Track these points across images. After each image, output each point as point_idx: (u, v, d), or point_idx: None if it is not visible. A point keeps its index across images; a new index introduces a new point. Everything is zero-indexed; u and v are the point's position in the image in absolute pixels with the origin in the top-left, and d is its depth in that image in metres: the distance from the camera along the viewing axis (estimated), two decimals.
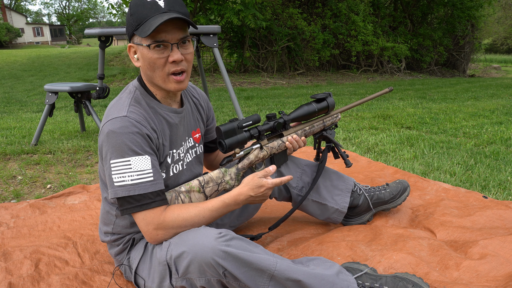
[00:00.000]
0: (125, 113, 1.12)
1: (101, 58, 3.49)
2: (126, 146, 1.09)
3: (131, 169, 1.10)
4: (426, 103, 5.56)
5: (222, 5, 9.06)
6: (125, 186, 1.10)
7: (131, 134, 1.10)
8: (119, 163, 1.10)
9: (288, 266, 1.08)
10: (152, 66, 1.14)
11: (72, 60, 13.05)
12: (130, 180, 1.10)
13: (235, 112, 4.76)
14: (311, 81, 9.70)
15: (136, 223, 1.15)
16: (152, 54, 1.12)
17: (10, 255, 1.50)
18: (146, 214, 1.12)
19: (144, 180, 1.11)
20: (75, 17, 55.56)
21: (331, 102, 1.54)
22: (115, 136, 1.09)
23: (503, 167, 2.50)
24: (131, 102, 1.16)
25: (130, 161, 1.09)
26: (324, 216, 1.62)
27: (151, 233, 1.13)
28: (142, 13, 1.09)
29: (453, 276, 1.30)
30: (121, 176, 1.10)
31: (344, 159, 1.61)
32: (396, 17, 12.81)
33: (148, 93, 1.21)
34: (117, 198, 1.12)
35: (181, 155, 1.30)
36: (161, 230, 1.13)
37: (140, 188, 1.10)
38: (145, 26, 1.08)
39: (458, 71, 13.83)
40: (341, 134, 3.54)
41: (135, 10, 1.10)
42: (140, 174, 1.10)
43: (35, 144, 3.21)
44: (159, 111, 1.22)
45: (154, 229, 1.13)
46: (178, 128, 1.28)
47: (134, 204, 1.11)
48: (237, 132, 1.30)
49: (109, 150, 1.10)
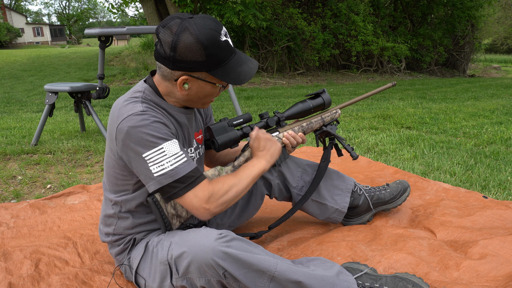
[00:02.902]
0: (141, 109, 1.12)
1: (101, 58, 3.49)
2: (152, 137, 1.10)
3: (167, 155, 1.11)
4: (426, 103, 5.56)
5: (222, 5, 9.06)
6: (167, 173, 1.10)
7: (153, 124, 1.11)
8: (153, 154, 1.10)
9: (289, 267, 1.08)
10: (206, 97, 1.20)
11: (72, 60, 13.05)
12: (170, 166, 1.11)
13: (235, 112, 4.76)
14: (311, 81, 9.70)
15: (185, 205, 1.15)
16: (214, 90, 1.19)
17: (10, 255, 1.50)
18: (195, 191, 1.13)
19: (182, 162, 1.12)
20: (75, 17, 55.56)
21: (327, 98, 1.52)
22: (139, 130, 1.09)
23: (503, 167, 2.50)
24: (143, 101, 1.16)
25: (163, 148, 1.11)
26: (324, 216, 1.62)
27: (203, 207, 1.14)
28: (221, 55, 1.12)
29: (453, 276, 1.30)
30: (160, 164, 1.10)
31: (349, 152, 1.58)
32: (396, 17, 12.81)
33: (158, 94, 1.21)
34: (161, 188, 1.12)
35: (191, 155, 1.32)
36: (212, 203, 1.15)
37: (181, 170, 1.12)
38: (227, 71, 1.14)
39: (458, 71, 13.83)
40: (341, 134, 3.54)
41: (213, 51, 1.10)
42: (176, 157, 1.12)
43: (35, 144, 3.21)
44: (170, 111, 1.22)
45: (205, 202, 1.14)
46: (187, 128, 1.29)
47: (180, 187, 1.12)
48: (228, 130, 1.31)
49: (136, 145, 1.10)
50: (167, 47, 1.10)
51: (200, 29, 1.08)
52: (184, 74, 1.13)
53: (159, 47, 1.13)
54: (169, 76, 1.16)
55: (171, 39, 1.08)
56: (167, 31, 1.09)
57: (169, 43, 1.09)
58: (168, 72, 1.15)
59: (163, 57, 1.12)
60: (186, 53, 1.09)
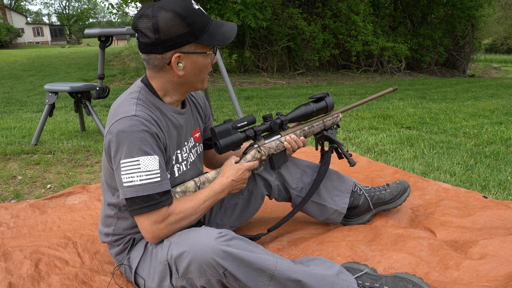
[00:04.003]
0: (134, 112, 1.11)
1: (101, 58, 3.49)
2: (135, 146, 1.09)
3: (140, 169, 1.09)
4: (426, 103, 5.56)
5: (222, 5, 9.06)
6: (134, 187, 1.09)
7: (141, 133, 1.10)
8: (128, 163, 1.09)
9: (288, 266, 1.08)
10: (201, 71, 1.19)
11: (72, 60, 13.06)
12: (138, 181, 1.09)
13: (235, 112, 4.76)
14: (311, 81, 9.70)
15: (138, 223, 1.14)
16: (207, 60, 1.19)
17: (10, 255, 1.50)
18: (152, 215, 1.12)
19: (152, 181, 1.10)
20: (75, 17, 55.55)
21: (330, 102, 1.52)
22: (125, 136, 1.09)
23: (503, 167, 2.50)
24: (138, 102, 1.16)
25: (139, 161, 1.09)
26: (323, 216, 1.62)
27: (154, 232, 1.13)
28: (201, 22, 1.13)
29: (453, 276, 1.30)
30: (130, 176, 1.09)
31: (347, 158, 1.59)
32: (396, 17, 12.81)
33: (154, 94, 1.21)
34: (126, 199, 1.11)
35: (185, 156, 1.31)
36: (165, 229, 1.14)
37: (148, 188, 1.10)
38: (213, 34, 1.15)
39: (458, 71, 13.83)
40: (341, 134, 3.54)
41: (193, 19, 1.11)
42: (149, 174, 1.10)
43: (35, 144, 3.21)
44: (165, 112, 1.22)
45: (158, 229, 1.13)
46: (183, 129, 1.29)
47: (142, 205, 1.10)
48: (232, 133, 1.31)
49: (119, 150, 1.10)
50: (150, 31, 1.10)
51: (172, 3, 1.11)
52: (175, 53, 1.13)
53: (142, 38, 1.12)
54: (161, 64, 1.15)
55: (151, 23, 1.10)
56: (144, 19, 1.11)
57: (151, 28, 1.10)
58: (159, 59, 1.14)
59: (149, 45, 1.12)
60: (169, 29, 1.10)
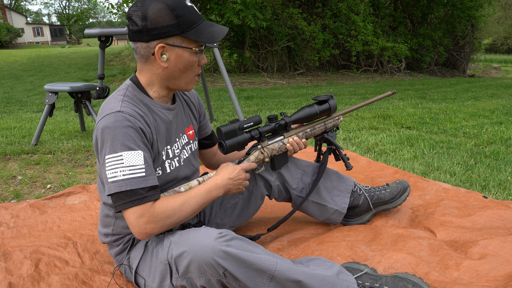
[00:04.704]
0: (119, 108, 1.11)
1: (101, 58, 3.49)
2: (119, 141, 1.08)
3: (123, 164, 1.08)
4: (426, 103, 5.56)
5: (223, 5, 9.06)
6: (117, 182, 1.08)
7: (125, 128, 1.09)
8: (112, 159, 1.09)
9: (289, 266, 1.08)
10: (186, 68, 1.19)
11: (72, 60, 13.06)
12: (121, 176, 1.08)
13: (235, 112, 4.76)
14: (311, 81, 9.70)
15: (125, 218, 1.12)
16: (193, 58, 1.18)
17: (10, 255, 1.50)
18: (137, 209, 1.09)
19: (136, 176, 1.09)
20: (75, 17, 55.56)
21: (333, 104, 1.53)
22: (109, 131, 1.09)
23: (503, 167, 2.50)
24: (124, 99, 1.16)
25: (122, 156, 1.08)
26: (324, 216, 1.62)
27: (141, 227, 1.10)
28: (190, 17, 1.14)
29: (453, 276, 1.30)
30: (114, 171, 1.08)
31: (344, 162, 1.60)
32: (396, 17, 12.81)
33: (141, 90, 1.21)
34: (111, 195, 1.10)
35: (176, 152, 1.30)
36: (151, 224, 1.11)
37: (131, 183, 1.08)
38: (200, 31, 1.15)
39: (458, 71, 13.83)
40: (341, 134, 3.54)
41: (181, 12, 1.12)
42: (132, 169, 1.09)
43: (35, 144, 3.21)
44: (153, 108, 1.22)
45: (144, 222, 1.10)
46: (172, 125, 1.28)
47: (126, 200, 1.08)
48: (238, 133, 1.31)
49: (103, 145, 1.10)
50: (138, 19, 1.12)
51: None
52: (159, 43, 1.14)
53: (131, 25, 1.14)
54: (146, 53, 1.16)
55: (141, 11, 1.12)
56: (136, 7, 1.13)
57: (140, 15, 1.12)
58: (144, 48, 1.15)
59: (136, 32, 1.14)
60: (157, 19, 1.11)
